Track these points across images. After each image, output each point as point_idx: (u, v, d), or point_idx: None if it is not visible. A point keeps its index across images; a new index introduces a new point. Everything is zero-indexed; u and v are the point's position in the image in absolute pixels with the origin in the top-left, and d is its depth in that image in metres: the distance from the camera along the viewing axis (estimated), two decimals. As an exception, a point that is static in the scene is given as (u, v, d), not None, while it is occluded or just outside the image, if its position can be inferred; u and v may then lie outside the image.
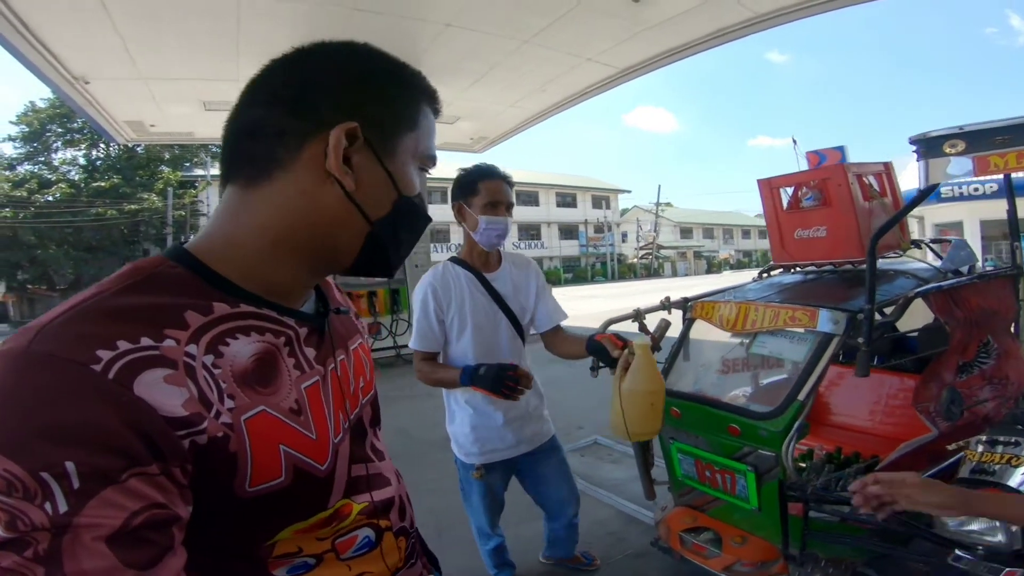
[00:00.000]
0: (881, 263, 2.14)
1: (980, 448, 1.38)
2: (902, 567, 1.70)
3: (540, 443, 1.85)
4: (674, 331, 2.01)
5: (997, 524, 1.20)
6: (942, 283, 1.89)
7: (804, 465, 1.72)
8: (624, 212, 42.57)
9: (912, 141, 1.48)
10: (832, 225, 2.07)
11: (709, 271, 40.07)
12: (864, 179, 2.10)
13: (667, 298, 2.20)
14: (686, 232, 45.11)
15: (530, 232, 35.61)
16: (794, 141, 2.92)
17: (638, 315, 2.14)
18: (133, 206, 22.57)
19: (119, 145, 24.44)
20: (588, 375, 2.13)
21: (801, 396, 1.63)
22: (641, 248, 38.72)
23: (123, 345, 0.40)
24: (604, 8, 4.89)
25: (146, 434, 0.39)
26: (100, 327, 0.41)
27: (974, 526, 1.24)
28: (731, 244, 51.30)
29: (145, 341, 0.42)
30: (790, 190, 2.23)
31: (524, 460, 1.83)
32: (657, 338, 1.99)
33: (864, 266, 2.10)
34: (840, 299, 1.83)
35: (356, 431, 0.64)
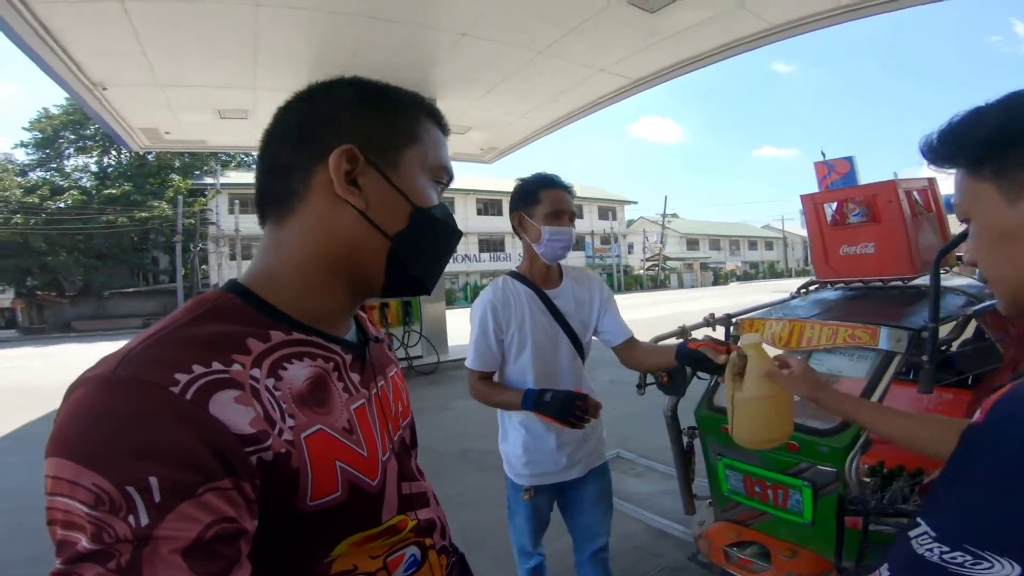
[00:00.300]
0: (927, 280, 2.11)
1: None
2: None
3: (592, 466, 1.78)
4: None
5: None
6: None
7: (868, 480, 1.68)
8: (630, 223, 42.58)
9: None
10: (881, 241, 2.04)
11: (716, 283, 39.98)
12: (912, 195, 2.07)
13: (711, 315, 2.16)
14: (692, 243, 45.07)
15: (537, 243, 35.68)
16: (823, 154, 2.90)
17: (683, 332, 2.09)
18: (143, 214, 22.72)
19: (131, 153, 24.75)
20: (606, 386, 2.06)
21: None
22: (647, 259, 38.71)
23: (197, 369, 0.44)
24: (620, 19, 4.90)
25: (220, 451, 0.42)
26: (176, 353, 0.45)
27: None
28: (737, 255, 51.15)
29: (216, 365, 0.45)
30: (834, 206, 2.20)
31: (573, 483, 1.76)
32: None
33: (912, 283, 2.09)
34: (894, 316, 1.79)
35: (400, 451, 0.67)
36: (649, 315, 15.16)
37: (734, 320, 2.15)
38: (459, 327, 12.52)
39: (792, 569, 1.70)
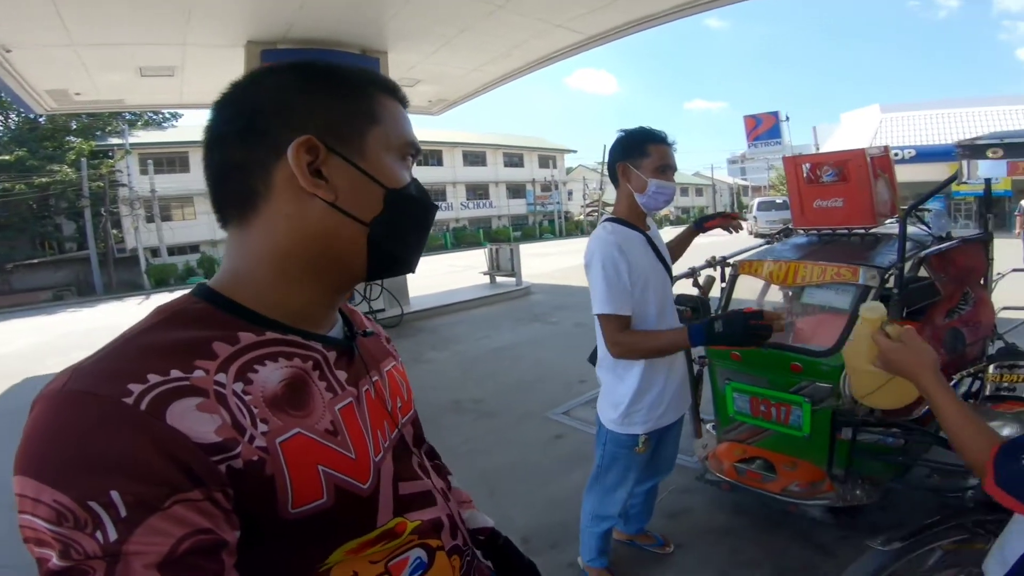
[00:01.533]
0: (884, 229, 2.53)
1: (993, 371, 1.76)
2: (920, 482, 2.14)
3: (685, 403, 1.87)
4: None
5: None
6: (941, 246, 2.29)
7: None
8: (570, 171, 43.01)
9: (960, 145, 1.80)
10: (849, 198, 2.41)
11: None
12: (874, 160, 2.44)
13: (713, 257, 2.45)
14: (625, 189, 46.29)
15: (478, 192, 35.43)
16: (787, 117, 3.23)
17: (694, 273, 2.38)
18: (43, 179, 20.41)
19: (19, 116, 21.85)
20: (570, 330, 2.28)
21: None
22: (587, 206, 39.45)
23: (153, 378, 0.42)
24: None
25: (182, 461, 0.41)
26: (130, 363, 0.43)
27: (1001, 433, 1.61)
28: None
29: (175, 373, 0.44)
30: (808, 166, 2.54)
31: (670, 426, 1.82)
32: (706, 289, 2.28)
33: (871, 231, 2.49)
34: (866, 258, 2.18)
35: (399, 450, 0.64)
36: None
37: (730, 262, 2.47)
38: (420, 277, 12.33)
39: (795, 478, 2.08)
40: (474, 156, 35.02)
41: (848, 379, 1.23)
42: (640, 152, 1.63)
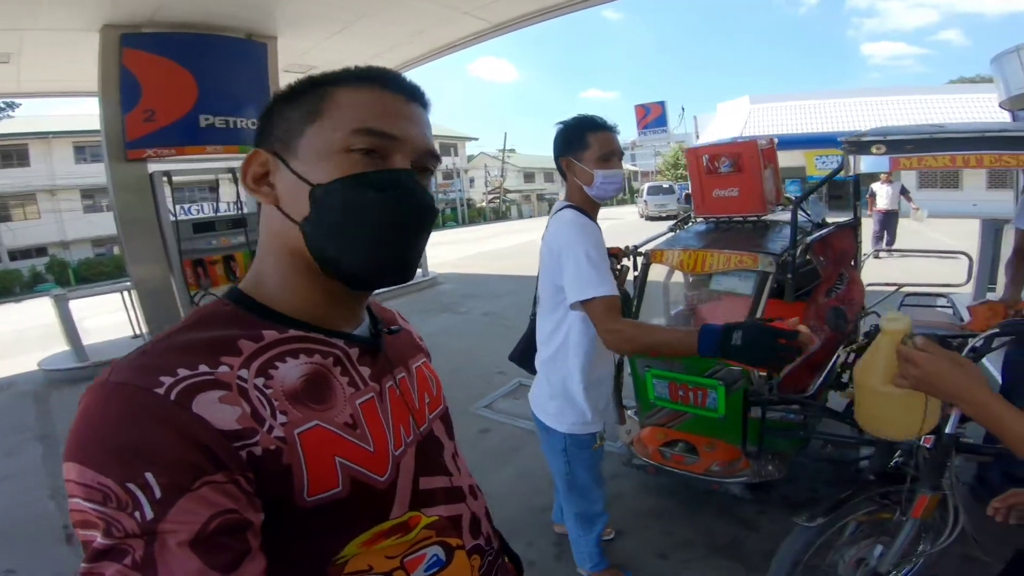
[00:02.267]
0: (772, 216, 2.76)
1: None
2: (818, 454, 2.37)
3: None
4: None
5: None
6: (823, 231, 2.54)
7: (764, 375, 2.25)
8: (471, 159, 42.85)
9: (846, 141, 1.98)
10: (743, 187, 2.59)
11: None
12: (763, 152, 2.63)
13: (627, 247, 2.50)
14: (529, 176, 47.06)
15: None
16: (682, 109, 3.42)
17: (627, 251, 2.42)
18: None
19: None
20: (481, 319, 2.28)
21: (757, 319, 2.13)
22: (489, 193, 39.61)
23: (182, 372, 0.47)
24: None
25: (206, 446, 0.44)
26: (164, 359, 0.48)
27: None
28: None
29: (202, 368, 0.48)
30: (707, 158, 2.69)
31: None
32: (622, 279, 2.32)
33: (762, 218, 2.71)
34: (761, 245, 2.36)
35: (426, 445, 0.65)
36: (499, 246, 15.82)
37: (640, 250, 2.55)
38: None
39: (715, 459, 2.22)
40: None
41: (856, 404, 1.07)
42: (581, 144, 1.58)
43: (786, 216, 2.84)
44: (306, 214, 0.55)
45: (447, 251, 14.61)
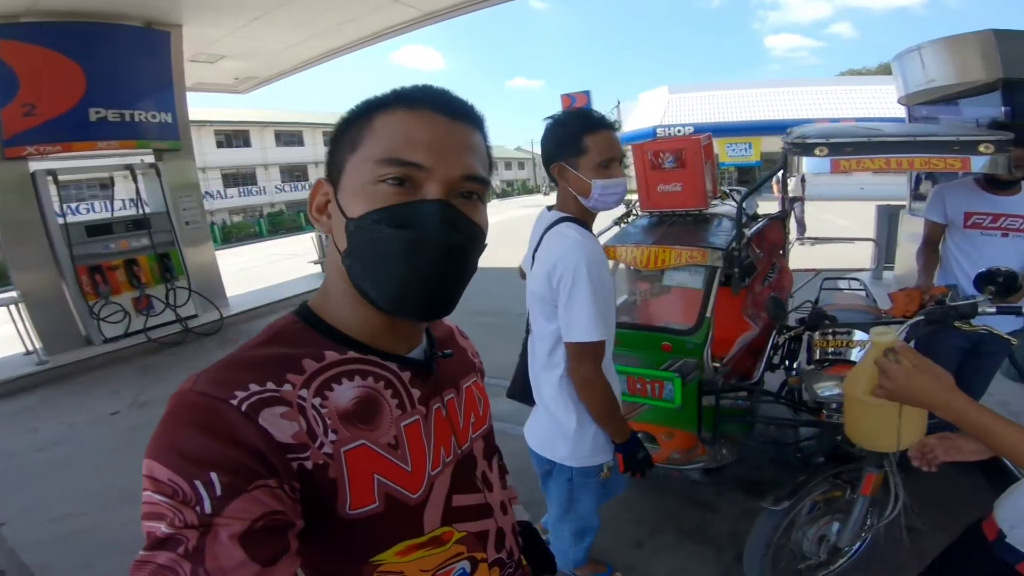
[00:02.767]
0: (712, 210, 2.87)
1: (819, 337, 2.10)
2: (763, 436, 2.49)
3: None
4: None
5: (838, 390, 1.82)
6: (761, 224, 2.66)
7: (717, 366, 2.34)
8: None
9: (790, 142, 2.05)
10: (686, 182, 2.67)
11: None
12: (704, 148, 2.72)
13: None
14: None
15: (295, 173, 32.60)
16: (618, 102, 3.47)
17: None
18: None
19: None
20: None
21: (708, 313, 2.21)
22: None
23: (253, 387, 0.52)
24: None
25: (266, 455, 0.49)
26: (238, 374, 0.52)
27: (831, 393, 1.91)
28: (495, 174, 55.36)
29: (270, 385, 0.53)
30: (651, 153, 2.74)
31: None
32: None
33: (703, 212, 2.80)
34: (706, 239, 2.43)
35: (463, 464, 0.69)
36: None
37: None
38: (236, 273, 10.70)
39: (674, 447, 2.28)
40: (289, 136, 32.11)
41: (845, 416, 1.11)
42: (575, 149, 1.36)
43: (724, 209, 2.97)
44: (345, 247, 0.58)
45: None
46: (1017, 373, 2.72)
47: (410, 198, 0.55)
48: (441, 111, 0.57)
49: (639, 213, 3.01)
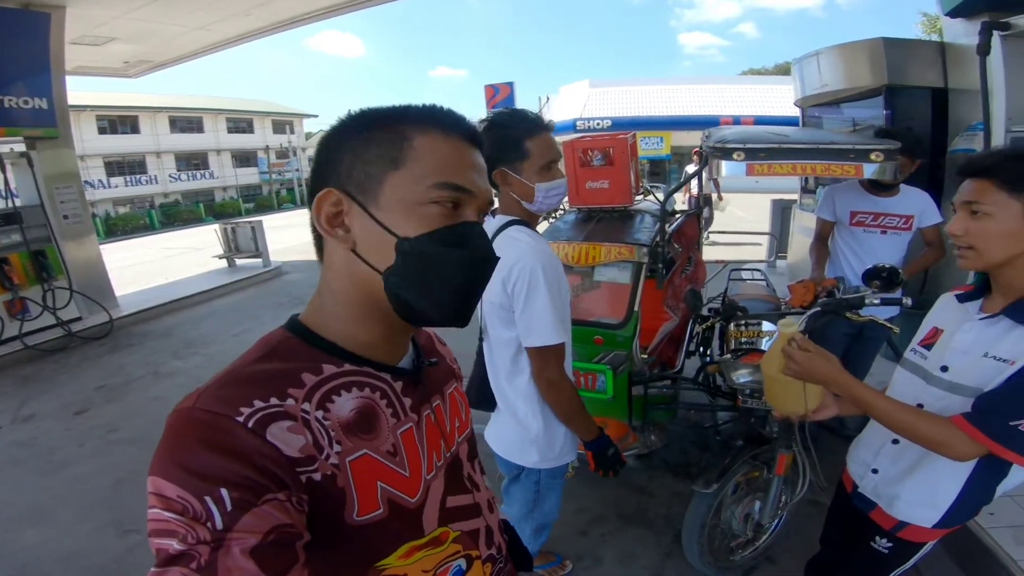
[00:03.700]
0: (636, 207, 3.01)
1: (734, 328, 2.27)
2: (684, 421, 2.65)
3: None
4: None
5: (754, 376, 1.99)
6: (680, 220, 2.83)
7: (644, 357, 2.46)
8: (310, 136, 39.63)
9: (711, 146, 2.19)
10: (613, 179, 2.78)
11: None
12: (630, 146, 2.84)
13: None
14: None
15: (193, 162, 30.08)
16: (547, 99, 3.54)
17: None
18: None
19: None
20: None
21: (636, 307, 2.33)
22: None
23: (257, 403, 0.52)
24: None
25: (275, 469, 0.50)
26: (240, 391, 0.53)
27: (747, 380, 2.07)
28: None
29: (273, 400, 0.53)
30: (581, 151, 2.82)
31: None
32: None
33: (628, 209, 2.93)
34: (631, 235, 2.56)
35: (452, 467, 0.72)
36: None
37: None
38: (125, 269, 9.68)
39: (608, 436, 2.38)
40: (186, 122, 29.53)
41: (765, 389, 1.27)
42: (517, 152, 1.35)
43: (646, 205, 3.13)
44: (390, 264, 0.58)
45: (289, 236, 13.06)
46: (895, 354, 3.10)
47: (455, 220, 0.59)
48: (466, 138, 0.62)
49: (567, 209, 3.10)
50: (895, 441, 1.25)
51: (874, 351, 2.74)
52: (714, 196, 6.87)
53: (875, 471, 1.30)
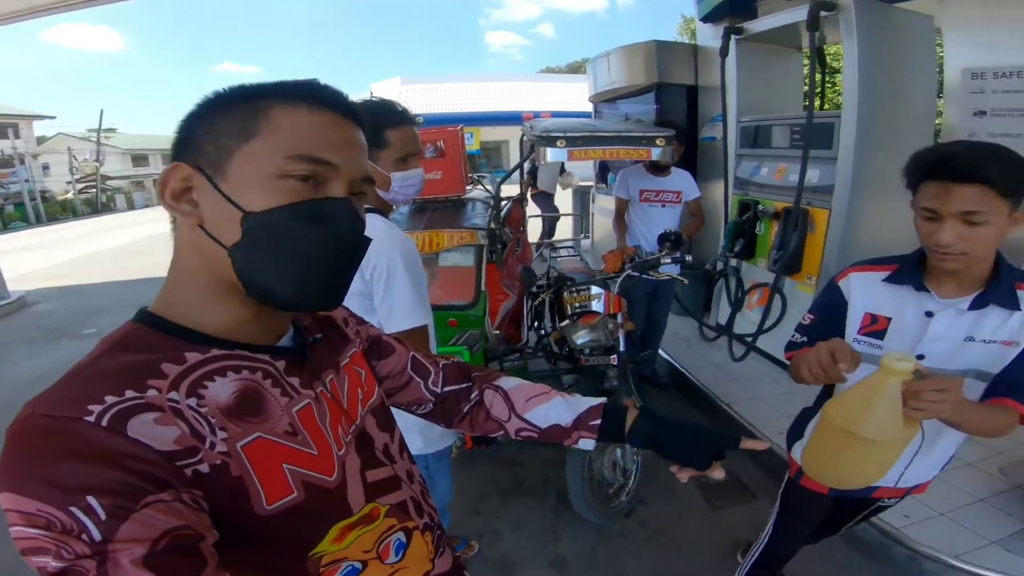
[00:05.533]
0: (467, 195, 3.18)
1: (568, 295, 2.58)
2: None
3: None
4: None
5: (601, 336, 2.30)
6: (509, 204, 3.08)
7: (497, 333, 2.62)
8: (44, 140, 31.66)
9: (536, 135, 2.42)
10: (446, 170, 2.91)
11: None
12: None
13: None
14: (140, 160, 38.05)
15: None
16: (371, 93, 3.51)
17: None
18: None
19: None
20: None
21: (482, 287, 2.49)
22: (80, 181, 30.41)
23: (110, 399, 0.46)
24: None
25: (147, 468, 0.44)
26: (86, 389, 0.46)
27: (587, 339, 2.37)
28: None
29: (129, 393, 0.47)
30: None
31: None
32: None
33: (460, 196, 3.09)
34: (469, 221, 2.72)
35: (362, 441, 0.68)
36: (109, 244, 12.34)
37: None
38: None
39: None
40: None
41: (817, 456, 0.98)
42: (376, 142, 1.35)
43: (475, 194, 3.32)
44: (236, 240, 0.53)
45: (28, 260, 10.40)
46: (680, 306, 3.82)
47: (315, 195, 0.55)
48: (340, 112, 0.58)
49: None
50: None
51: (667, 306, 3.37)
52: (567, 174, 7.57)
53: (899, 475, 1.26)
